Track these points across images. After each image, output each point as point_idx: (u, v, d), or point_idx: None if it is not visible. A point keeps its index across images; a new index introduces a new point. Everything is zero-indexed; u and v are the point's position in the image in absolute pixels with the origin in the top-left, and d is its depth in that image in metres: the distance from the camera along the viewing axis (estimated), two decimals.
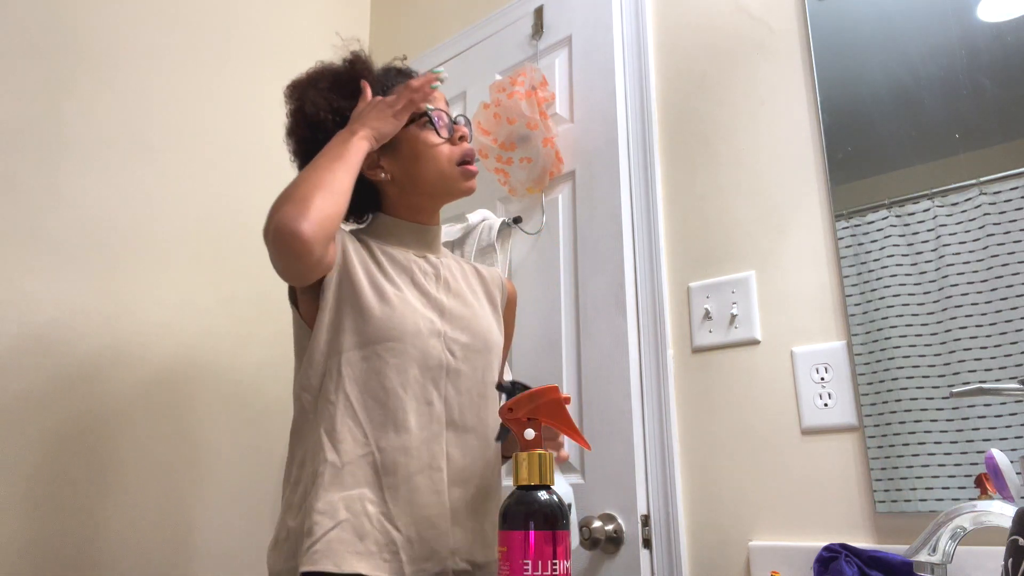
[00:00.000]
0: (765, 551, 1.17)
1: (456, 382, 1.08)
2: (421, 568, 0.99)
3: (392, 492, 1.00)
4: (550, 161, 1.55)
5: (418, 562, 0.99)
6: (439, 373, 1.07)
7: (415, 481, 1.01)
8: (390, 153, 1.13)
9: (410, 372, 1.04)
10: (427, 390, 1.05)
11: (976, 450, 1.02)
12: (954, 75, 1.14)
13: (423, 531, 1.00)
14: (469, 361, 1.10)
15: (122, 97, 1.59)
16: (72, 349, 1.41)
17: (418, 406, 1.04)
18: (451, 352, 1.09)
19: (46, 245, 1.41)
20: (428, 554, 1.00)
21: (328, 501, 0.98)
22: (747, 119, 1.37)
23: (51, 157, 1.45)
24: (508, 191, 1.62)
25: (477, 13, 1.93)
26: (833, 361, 1.18)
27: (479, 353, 1.11)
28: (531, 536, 0.78)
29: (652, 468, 1.32)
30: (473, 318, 1.14)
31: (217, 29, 1.81)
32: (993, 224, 1.06)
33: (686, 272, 1.39)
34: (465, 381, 1.09)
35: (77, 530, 1.36)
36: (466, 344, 1.10)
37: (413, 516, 1.00)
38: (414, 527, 1.00)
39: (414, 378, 1.05)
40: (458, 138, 1.15)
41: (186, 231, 1.64)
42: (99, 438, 1.43)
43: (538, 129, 1.53)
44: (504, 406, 0.88)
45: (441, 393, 1.07)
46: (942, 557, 0.81)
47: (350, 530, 0.97)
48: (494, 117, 1.58)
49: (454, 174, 1.14)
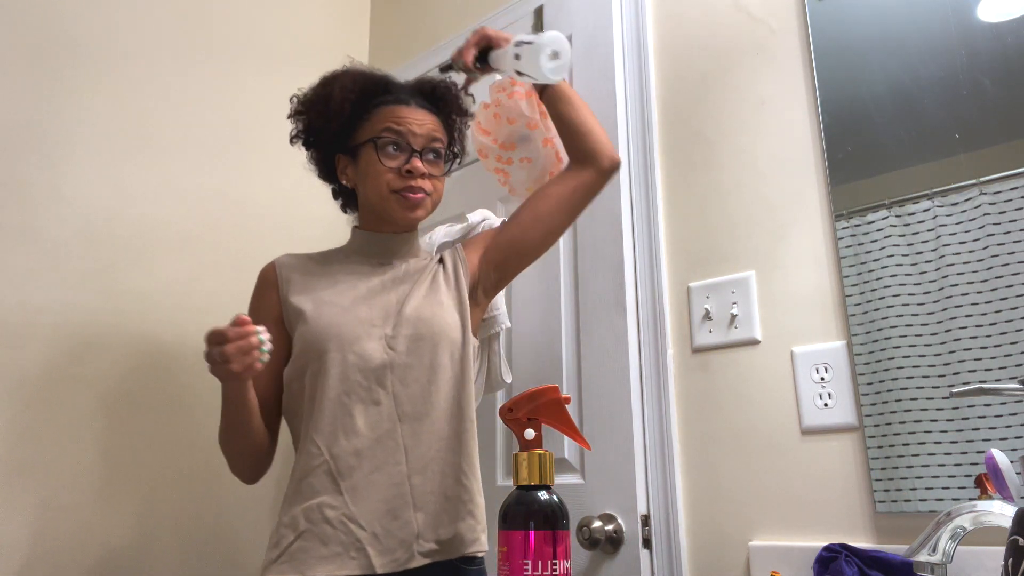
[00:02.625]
0: (765, 551, 1.17)
1: (403, 375, 1.13)
2: (391, 559, 1.06)
3: (352, 494, 1.07)
4: (550, 161, 1.54)
5: (386, 554, 1.06)
6: (383, 372, 1.12)
7: (372, 479, 1.08)
8: (353, 163, 1.23)
9: (352, 377, 1.11)
10: (373, 391, 1.11)
11: (976, 450, 1.02)
12: (954, 75, 1.14)
13: (386, 524, 1.07)
14: (415, 352, 1.14)
15: (122, 97, 1.59)
16: (72, 349, 1.41)
17: (366, 408, 1.11)
18: (393, 349, 1.14)
19: (46, 245, 1.41)
20: (395, 544, 1.06)
21: (291, 515, 1.08)
22: (747, 119, 1.37)
23: (51, 157, 1.45)
24: (508, 191, 1.61)
25: (477, 13, 1.93)
26: (833, 361, 1.18)
27: (424, 340, 1.15)
28: (531, 536, 0.78)
29: (652, 468, 1.32)
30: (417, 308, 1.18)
31: (217, 29, 1.81)
32: (993, 224, 1.06)
33: (686, 272, 1.39)
34: (412, 372, 1.14)
35: (78, 528, 1.36)
36: (410, 335, 1.15)
37: (375, 512, 1.07)
38: (377, 522, 1.06)
39: (357, 383, 1.11)
40: (405, 170, 1.17)
41: (187, 231, 1.64)
42: (100, 438, 1.42)
43: (538, 129, 1.53)
44: (504, 406, 0.88)
45: (388, 390, 1.12)
46: (942, 557, 0.81)
47: (313, 538, 1.05)
48: (494, 117, 1.58)
49: (390, 200, 1.18)
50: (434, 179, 1.21)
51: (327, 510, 1.06)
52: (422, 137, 1.20)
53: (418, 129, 1.20)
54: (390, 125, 1.19)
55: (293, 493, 1.10)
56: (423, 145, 1.20)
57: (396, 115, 1.21)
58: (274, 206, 1.84)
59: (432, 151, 1.22)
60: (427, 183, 1.20)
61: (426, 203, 1.20)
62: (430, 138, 1.21)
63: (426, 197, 1.20)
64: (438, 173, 1.22)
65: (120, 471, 1.44)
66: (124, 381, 1.48)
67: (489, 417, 1.56)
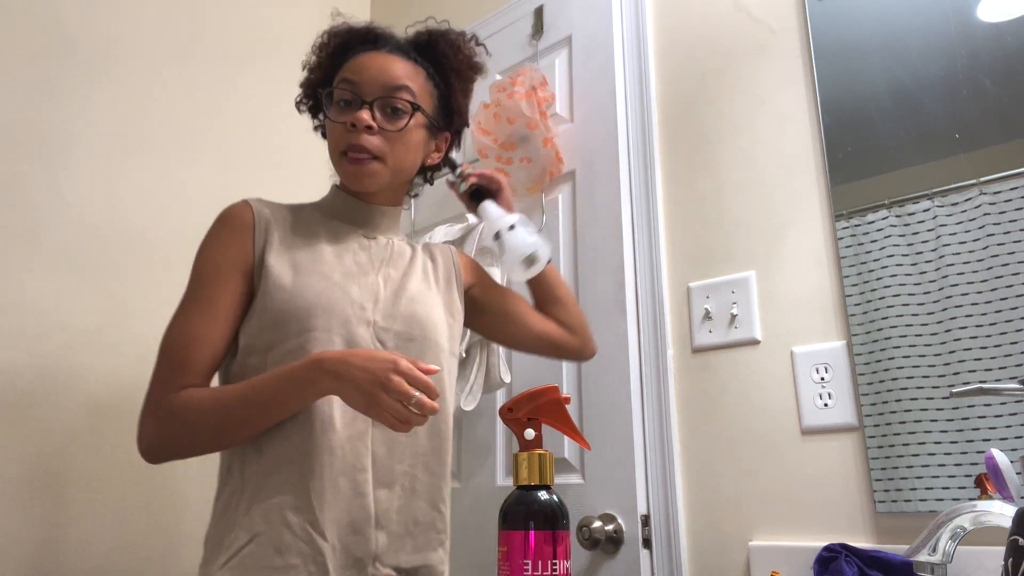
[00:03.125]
0: (765, 551, 1.17)
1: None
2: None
3: (318, 497, 0.91)
4: (550, 161, 1.55)
5: (341, 570, 0.91)
6: None
7: (338, 483, 0.93)
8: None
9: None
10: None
11: (976, 450, 1.02)
12: (954, 75, 1.14)
13: (345, 537, 0.92)
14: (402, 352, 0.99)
15: (123, 97, 1.59)
16: (72, 349, 1.41)
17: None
18: (382, 343, 0.99)
19: (46, 245, 1.41)
20: (350, 561, 0.92)
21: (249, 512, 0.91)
22: (747, 119, 1.37)
23: (51, 157, 1.45)
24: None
25: (477, 13, 1.93)
26: (833, 361, 1.18)
27: (413, 342, 1.02)
28: (531, 536, 0.78)
29: (652, 468, 1.32)
30: (411, 303, 1.04)
31: (217, 29, 1.81)
32: (993, 224, 1.06)
33: (686, 272, 1.39)
34: None
35: (75, 532, 1.36)
36: (400, 332, 1.01)
37: (338, 522, 0.92)
38: (338, 534, 0.92)
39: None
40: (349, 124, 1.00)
41: (188, 231, 1.64)
42: (99, 438, 1.42)
43: (538, 129, 1.53)
44: (504, 406, 0.88)
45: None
46: (942, 557, 0.81)
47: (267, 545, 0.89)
48: (494, 117, 1.58)
49: (340, 163, 1.03)
50: (388, 137, 1.01)
51: (289, 513, 0.90)
52: (378, 86, 1.01)
53: (377, 76, 1.01)
54: (346, 75, 1.03)
55: (256, 488, 0.92)
56: (377, 95, 1.01)
57: (357, 64, 1.04)
58: None
59: (390, 104, 1.02)
60: (374, 141, 1.00)
61: (377, 173, 1.01)
62: (389, 87, 1.02)
63: (371, 160, 1.00)
64: (393, 128, 1.01)
65: (118, 470, 1.44)
66: (124, 381, 1.48)
67: (489, 417, 1.57)
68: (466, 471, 1.58)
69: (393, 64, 1.04)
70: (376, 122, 1.00)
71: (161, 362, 0.95)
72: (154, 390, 0.94)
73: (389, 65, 1.03)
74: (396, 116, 1.03)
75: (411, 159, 1.07)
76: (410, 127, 1.04)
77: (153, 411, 0.93)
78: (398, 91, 1.02)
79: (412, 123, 1.04)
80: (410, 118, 1.03)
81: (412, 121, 1.04)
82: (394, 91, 1.02)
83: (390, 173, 1.04)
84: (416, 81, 1.06)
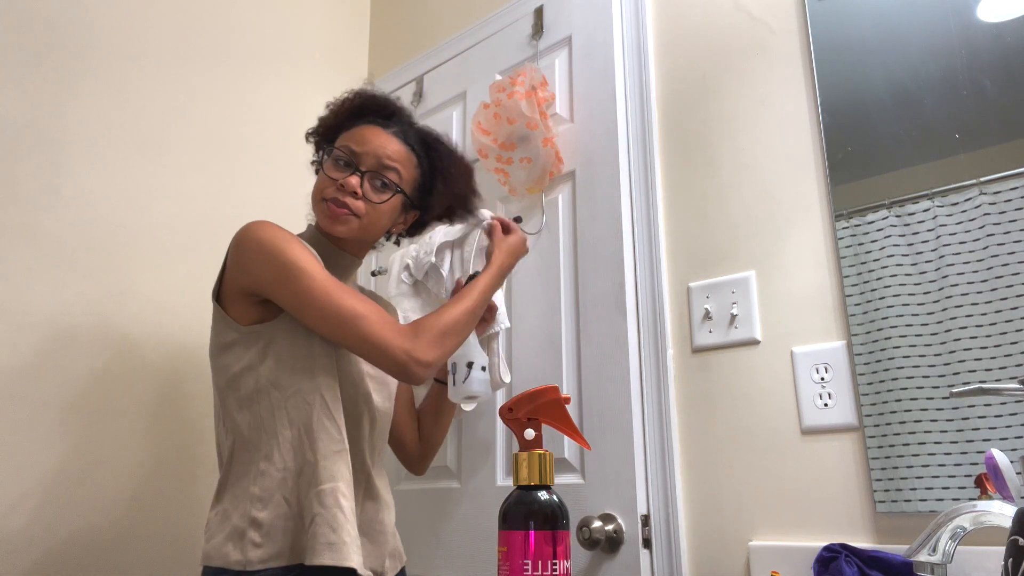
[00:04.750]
0: (765, 551, 1.17)
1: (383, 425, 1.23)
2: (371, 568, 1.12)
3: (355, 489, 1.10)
4: (550, 161, 1.55)
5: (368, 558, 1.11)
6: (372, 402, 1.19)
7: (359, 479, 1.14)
8: None
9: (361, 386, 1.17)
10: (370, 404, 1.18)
11: (976, 450, 1.02)
12: (954, 75, 1.14)
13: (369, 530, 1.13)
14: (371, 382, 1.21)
15: (122, 97, 1.59)
16: (72, 349, 1.41)
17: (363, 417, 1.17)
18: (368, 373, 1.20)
19: (46, 245, 1.41)
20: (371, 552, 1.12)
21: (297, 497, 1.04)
22: (747, 119, 1.37)
23: (51, 157, 1.45)
24: (508, 191, 1.62)
25: (477, 13, 1.93)
26: (833, 361, 1.18)
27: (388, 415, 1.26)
28: (531, 536, 0.78)
29: (652, 468, 1.32)
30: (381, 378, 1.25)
31: (217, 29, 1.81)
32: (993, 224, 1.06)
33: (686, 272, 1.39)
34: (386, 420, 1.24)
35: (75, 526, 1.36)
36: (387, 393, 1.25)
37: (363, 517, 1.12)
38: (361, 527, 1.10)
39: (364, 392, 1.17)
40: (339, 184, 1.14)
41: (187, 230, 1.64)
42: (98, 438, 1.43)
43: (538, 129, 1.53)
44: (504, 406, 0.88)
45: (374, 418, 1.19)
46: (942, 557, 0.81)
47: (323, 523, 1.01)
48: (494, 117, 1.58)
49: (319, 206, 1.17)
50: (369, 204, 1.16)
51: (342, 499, 1.03)
52: (373, 159, 1.16)
53: (374, 151, 1.16)
54: (349, 143, 1.17)
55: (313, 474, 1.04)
56: (370, 166, 1.16)
57: (362, 134, 1.18)
58: (274, 207, 1.84)
59: (380, 178, 1.16)
60: (358, 204, 1.15)
61: (350, 222, 1.15)
62: (382, 164, 1.17)
63: (350, 216, 1.14)
64: (376, 200, 1.16)
65: (118, 469, 1.44)
66: (123, 380, 1.48)
67: (489, 417, 1.57)
68: (466, 471, 1.58)
69: (392, 145, 1.18)
70: (362, 190, 1.16)
71: (370, 321, 1.05)
72: (396, 334, 1.06)
73: (388, 145, 1.18)
74: (380, 190, 1.18)
75: (381, 225, 1.21)
76: (389, 202, 1.18)
77: (411, 336, 1.07)
78: (388, 171, 1.17)
79: (391, 199, 1.19)
80: (391, 196, 1.18)
81: (392, 198, 1.19)
82: (385, 169, 1.17)
83: (360, 231, 1.17)
84: (406, 166, 1.20)
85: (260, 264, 1.08)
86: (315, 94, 2.02)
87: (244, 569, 1.01)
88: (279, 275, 1.06)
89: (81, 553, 1.35)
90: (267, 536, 1.02)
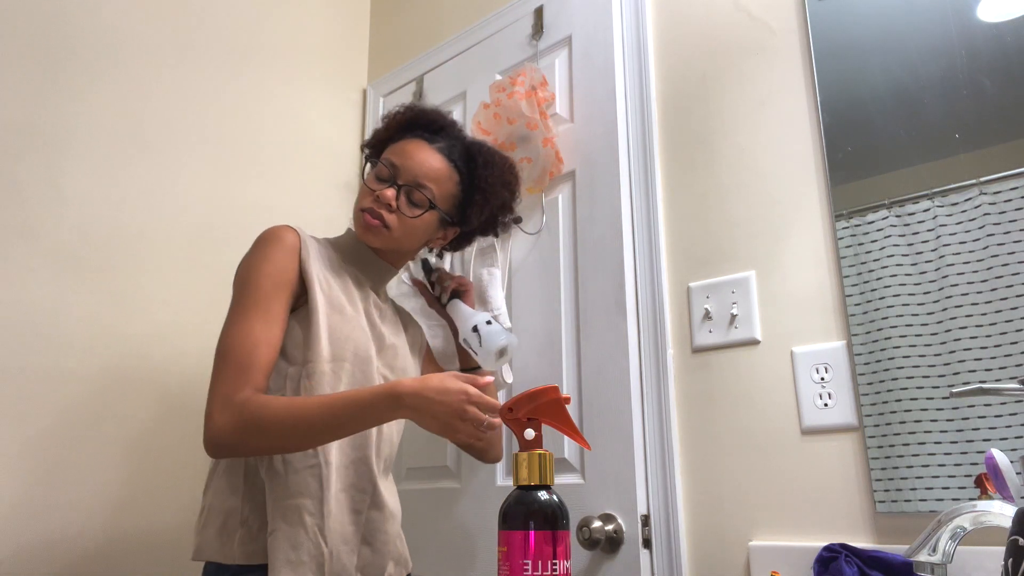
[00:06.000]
0: (765, 551, 1.17)
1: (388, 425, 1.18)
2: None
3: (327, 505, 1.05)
4: (550, 161, 1.55)
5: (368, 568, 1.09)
6: None
7: (340, 497, 1.08)
8: None
9: None
10: None
11: (976, 450, 1.02)
12: (954, 75, 1.14)
13: (337, 546, 1.05)
14: None
15: (122, 97, 1.59)
16: (72, 349, 1.41)
17: None
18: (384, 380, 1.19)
19: (46, 245, 1.41)
20: (339, 570, 1.05)
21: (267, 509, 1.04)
22: (747, 119, 1.37)
23: (51, 157, 1.45)
24: None
25: (477, 13, 1.93)
26: (833, 361, 1.18)
27: None
28: (531, 536, 0.78)
29: (652, 468, 1.32)
30: (403, 360, 1.25)
31: (217, 28, 1.81)
32: (993, 224, 1.06)
33: (686, 272, 1.39)
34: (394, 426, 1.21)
35: (70, 530, 1.36)
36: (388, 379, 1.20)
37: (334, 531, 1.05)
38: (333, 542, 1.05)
39: None
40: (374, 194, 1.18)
41: (187, 231, 1.64)
42: (97, 438, 1.43)
43: (538, 129, 1.53)
44: (504, 405, 0.88)
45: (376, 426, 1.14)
46: (942, 557, 0.81)
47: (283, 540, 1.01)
48: (494, 117, 1.58)
49: (358, 216, 1.20)
50: (402, 217, 1.18)
51: (307, 516, 1.03)
52: (411, 174, 1.19)
53: (413, 167, 1.19)
54: (392, 157, 1.20)
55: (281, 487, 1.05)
56: (407, 180, 1.19)
57: (405, 148, 1.21)
58: (274, 207, 1.84)
59: (413, 194, 1.19)
60: (391, 217, 1.18)
61: (381, 233, 1.18)
62: (418, 181, 1.19)
63: (382, 227, 1.18)
64: (409, 215, 1.19)
65: (118, 470, 1.44)
66: (123, 381, 1.48)
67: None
68: (466, 471, 1.58)
69: (432, 160, 1.20)
70: (397, 203, 1.18)
71: (227, 363, 1.03)
72: (223, 389, 1.01)
73: (428, 160, 1.20)
74: (414, 205, 1.20)
75: (415, 239, 1.24)
76: (422, 217, 1.20)
77: (226, 408, 1.00)
78: (422, 188, 1.19)
79: (425, 215, 1.20)
80: (424, 211, 1.20)
81: (426, 214, 1.20)
82: (419, 186, 1.19)
83: (391, 242, 1.21)
84: (444, 183, 1.22)
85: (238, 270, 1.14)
86: (315, 94, 2.02)
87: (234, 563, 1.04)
88: (234, 285, 1.12)
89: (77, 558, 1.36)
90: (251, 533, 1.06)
